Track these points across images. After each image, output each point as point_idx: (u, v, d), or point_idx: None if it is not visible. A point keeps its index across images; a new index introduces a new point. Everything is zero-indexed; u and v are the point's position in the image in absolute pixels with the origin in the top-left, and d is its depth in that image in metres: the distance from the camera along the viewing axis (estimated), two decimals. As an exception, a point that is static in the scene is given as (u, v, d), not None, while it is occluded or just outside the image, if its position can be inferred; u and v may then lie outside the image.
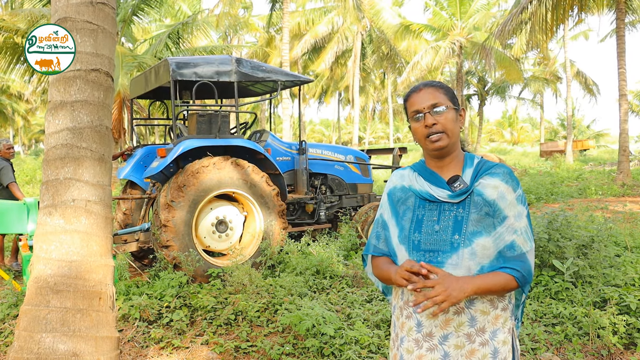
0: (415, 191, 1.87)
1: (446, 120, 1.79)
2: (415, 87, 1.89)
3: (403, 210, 1.89)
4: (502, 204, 1.76)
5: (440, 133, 1.78)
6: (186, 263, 5.82)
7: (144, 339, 4.44)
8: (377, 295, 5.36)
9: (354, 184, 8.35)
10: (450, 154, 1.85)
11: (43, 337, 2.68)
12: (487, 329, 1.76)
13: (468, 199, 1.79)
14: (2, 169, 7.20)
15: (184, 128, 6.93)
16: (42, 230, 2.81)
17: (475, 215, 1.76)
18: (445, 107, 1.80)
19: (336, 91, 45.08)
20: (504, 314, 1.79)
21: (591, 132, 50.81)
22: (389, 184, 2.00)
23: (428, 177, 1.87)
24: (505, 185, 1.78)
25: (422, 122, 1.80)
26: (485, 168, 1.82)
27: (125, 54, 15.63)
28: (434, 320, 1.76)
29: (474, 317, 1.75)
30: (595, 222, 6.02)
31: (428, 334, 1.77)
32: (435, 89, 1.83)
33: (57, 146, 2.84)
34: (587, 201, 12.46)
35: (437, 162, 1.87)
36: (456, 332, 1.75)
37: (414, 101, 1.84)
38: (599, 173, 19.92)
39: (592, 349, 4.02)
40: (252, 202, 6.51)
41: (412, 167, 1.96)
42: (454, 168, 1.86)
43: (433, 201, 1.83)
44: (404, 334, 1.84)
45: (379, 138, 74.41)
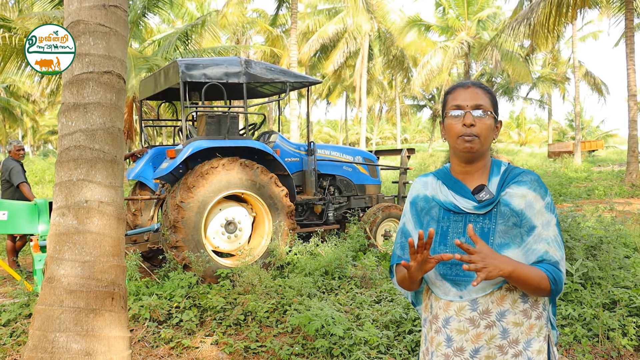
0: (439, 202, 1.80)
1: (484, 126, 1.71)
2: (463, 82, 1.80)
3: (427, 220, 1.82)
4: (530, 212, 1.69)
5: (475, 136, 1.70)
6: (196, 264, 5.85)
7: (154, 339, 4.47)
8: (385, 296, 5.37)
9: (362, 184, 8.35)
10: (479, 160, 1.77)
11: (57, 336, 2.70)
12: (520, 340, 1.69)
13: (495, 209, 1.72)
14: (13, 169, 7.26)
15: (193, 129, 6.97)
16: (56, 230, 2.84)
17: (502, 227, 1.69)
18: (488, 112, 1.73)
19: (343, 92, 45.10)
20: (538, 323, 1.72)
21: (600, 133, 50.51)
22: (411, 192, 1.92)
23: (452, 186, 1.80)
24: (533, 193, 1.71)
25: (460, 119, 1.72)
26: (512, 176, 1.75)
27: (136, 56, 15.72)
28: (464, 335, 1.70)
29: (507, 329, 1.68)
30: (604, 223, 6.00)
31: (459, 348, 1.71)
32: (483, 92, 1.76)
33: (70, 148, 2.86)
34: (595, 202, 12.40)
35: (464, 166, 1.78)
36: (487, 345, 1.68)
37: (458, 95, 1.76)
38: (607, 174, 19.83)
39: (601, 351, 4.02)
40: (260, 203, 6.53)
41: (435, 174, 1.89)
42: (479, 176, 1.79)
43: (458, 212, 1.76)
44: (433, 349, 1.78)
45: (386, 139, 74.29)
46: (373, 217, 7.57)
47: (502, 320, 1.68)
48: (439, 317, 1.76)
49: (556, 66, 40.74)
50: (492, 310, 1.68)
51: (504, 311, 1.68)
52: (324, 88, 41.99)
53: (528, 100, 44.11)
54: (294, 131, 18.61)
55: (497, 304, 1.68)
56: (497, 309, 1.68)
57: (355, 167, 8.30)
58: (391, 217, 7.75)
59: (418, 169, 24.76)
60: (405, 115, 49.31)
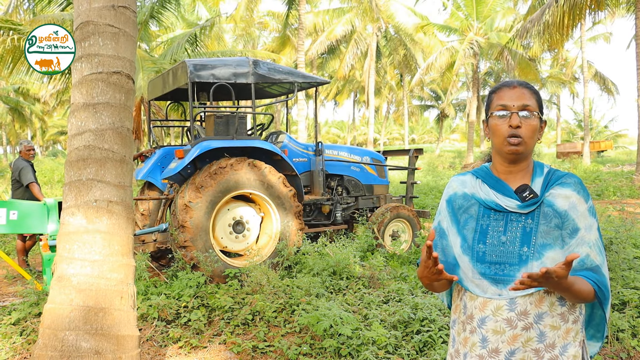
0: (480, 199, 1.78)
1: (530, 127, 1.69)
2: (509, 81, 1.77)
3: (465, 218, 1.80)
4: (574, 215, 1.67)
5: (520, 138, 1.68)
6: (204, 263, 5.87)
7: (163, 339, 4.49)
8: (393, 296, 5.36)
9: (370, 185, 8.34)
10: (523, 161, 1.75)
11: (66, 335, 2.73)
12: (557, 344, 1.66)
13: (537, 209, 1.70)
14: (22, 169, 7.31)
15: (201, 129, 6.99)
16: (65, 230, 2.86)
17: (544, 227, 1.67)
18: (534, 113, 1.70)
19: (351, 92, 45.07)
20: (575, 327, 1.69)
21: (609, 133, 50.19)
22: (448, 190, 1.89)
23: (494, 185, 1.77)
24: (577, 195, 1.69)
25: (506, 120, 1.70)
26: (555, 177, 1.74)
27: (145, 57, 15.79)
28: (501, 336, 1.67)
29: (544, 332, 1.66)
30: (613, 223, 5.96)
31: (494, 349, 1.68)
32: (530, 92, 1.73)
33: (79, 147, 2.89)
34: (605, 202, 12.32)
35: (507, 166, 1.76)
36: (524, 348, 1.66)
37: (504, 95, 1.73)
38: (616, 174, 19.69)
39: (611, 352, 3.99)
40: (269, 203, 6.54)
41: (474, 172, 1.86)
42: (522, 177, 1.76)
43: (499, 211, 1.74)
44: (466, 350, 1.75)
45: (394, 139, 74.17)
46: (381, 218, 7.56)
47: (540, 322, 1.66)
48: (474, 317, 1.74)
49: (565, 66, 40.52)
50: (530, 312, 1.66)
51: (541, 313, 1.66)
52: (331, 88, 42.01)
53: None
54: (302, 132, 18.63)
55: (535, 305, 1.66)
56: (535, 310, 1.66)
57: (363, 168, 8.29)
58: (399, 217, 7.73)
59: (426, 169, 24.72)
60: (412, 116, 49.19)
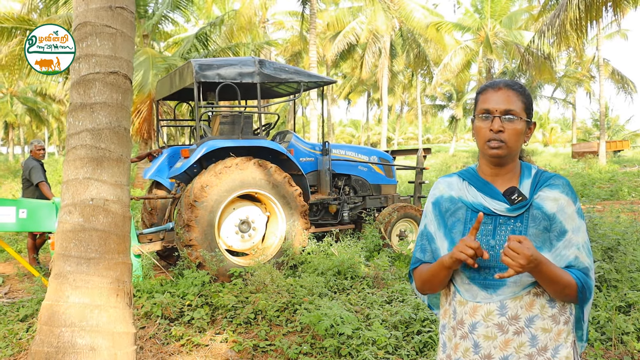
0: (467, 203, 1.76)
1: (513, 131, 1.67)
2: (495, 82, 1.75)
3: (452, 222, 1.78)
4: (562, 217, 1.66)
5: (501, 142, 1.67)
6: (210, 262, 5.90)
7: (165, 336, 4.52)
8: (397, 296, 5.34)
9: (377, 184, 8.33)
10: (508, 163, 1.74)
11: (62, 331, 2.76)
12: (549, 347, 1.65)
13: (526, 212, 1.68)
14: (32, 168, 7.41)
15: (207, 129, 7.02)
16: (62, 228, 2.89)
17: (533, 230, 1.66)
18: (518, 117, 1.68)
19: (365, 91, 45.00)
20: (566, 328, 1.69)
21: (627, 132, 49.54)
22: (434, 193, 1.86)
23: (481, 187, 1.75)
24: (565, 197, 1.68)
25: (488, 124, 1.69)
26: (543, 179, 1.72)
27: (156, 56, 15.91)
28: (492, 341, 1.66)
29: (535, 335, 1.65)
30: (622, 224, 5.89)
31: (486, 355, 1.67)
32: (515, 94, 1.70)
33: (77, 147, 2.92)
34: (619, 203, 12.17)
35: (493, 168, 1.75)
36: (517, 354, 1.64)
37: (487, 98, 1.71)
38: (633, 174, 19.42)
39: (614, 355, 3.94)
40: (274, 202, 6.56)
41: (460, 174, 1.84)
42: (510, 178, 1.75)
43: (488, 214, 1.72)
44: (458, 356, 1.74)
45: (409, 139, 73.90)
46: (388, 217, 7.54)
47: (531, 326, 1.65)
48: (464, 323, 1.72)
49: (580, 64, 40.08)
50: (521, 316, 1.65)
51: (532, 317, 1.65)
52: (344, 87, 41.95)
53: (552, 99, 43.47)
54: (314, 131, 18.63)
55: (526, 309, 1.65)
56: (526, 314, 1.65)
57: (371, 167, 8.28)
58: (407, 217, 7.71)
59: (439, 169, 24.55)
60: (426, 115, 49.02)
